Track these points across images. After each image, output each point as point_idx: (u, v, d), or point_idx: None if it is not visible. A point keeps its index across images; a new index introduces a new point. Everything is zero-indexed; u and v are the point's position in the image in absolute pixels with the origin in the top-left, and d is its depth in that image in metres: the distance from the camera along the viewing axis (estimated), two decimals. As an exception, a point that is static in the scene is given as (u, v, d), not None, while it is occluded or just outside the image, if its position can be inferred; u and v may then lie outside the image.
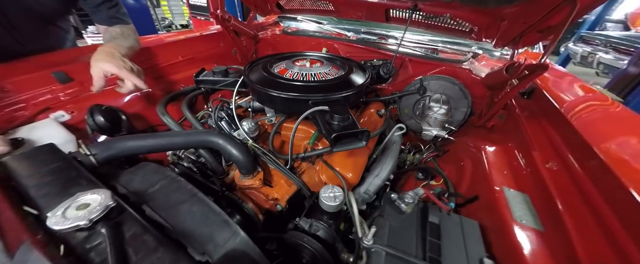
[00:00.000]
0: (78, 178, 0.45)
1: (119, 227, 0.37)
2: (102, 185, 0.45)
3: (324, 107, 0.72)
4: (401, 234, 0.44)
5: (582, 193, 0.52)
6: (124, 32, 0.97)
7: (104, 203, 0.36)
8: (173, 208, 0.46)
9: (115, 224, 0.37)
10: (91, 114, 0.79)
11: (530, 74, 0.75)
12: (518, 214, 0.55)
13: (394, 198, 0.56)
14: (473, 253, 0.46)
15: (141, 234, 0.37)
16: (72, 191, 0.42)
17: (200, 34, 1.38)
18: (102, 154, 0.59)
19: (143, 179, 0.52)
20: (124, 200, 0.44)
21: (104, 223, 0.35)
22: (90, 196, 0.38)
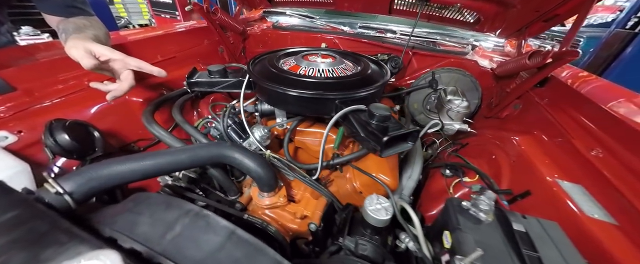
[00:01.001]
0: (53, 233, 0.30)
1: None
2: (95, 240, 0.30)
3: (360, 106, 0.62)
4: (492, 250, 0.37)
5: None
6: (93, 23, 0.78)
7: None
8: (210, 259, 0.33)
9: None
10: (51, 133, 0.59)
11: (555, 61, 0.74)
12: (586, 209, 0.52)
13: (466, 205, 0.49)
14: (571, 261, 0.40)
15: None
16: (48, 255, 0.27)
17: (182, 30, 1.18)
18: (81, 189, 0.42)
19: (153, 220, 0.37)
20: (137, 259, 0.29)
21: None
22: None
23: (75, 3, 0.79)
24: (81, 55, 0.59)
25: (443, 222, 0.53)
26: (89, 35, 0.69)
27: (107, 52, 0.64)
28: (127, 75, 0.68)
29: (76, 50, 0.59)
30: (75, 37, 0.65)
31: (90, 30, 0.73)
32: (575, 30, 0.74)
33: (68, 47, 0.61)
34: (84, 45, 0.61)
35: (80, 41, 0.62)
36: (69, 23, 0.75)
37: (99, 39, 0.71)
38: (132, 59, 0.68)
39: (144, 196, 0.45)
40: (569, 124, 0.73)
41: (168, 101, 0.90)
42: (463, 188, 0.81)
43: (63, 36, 0.72)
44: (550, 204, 0.58)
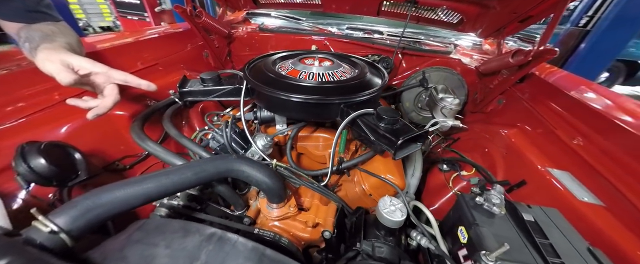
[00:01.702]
0: None
1: None
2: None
3: (368, 109, 0.63)
4: (509, 242, 0.39)
5: (620, 164, 0.56)
6: (61, 29, 0.68)
7: None
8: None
9: None
10: (23, 158, 0.51)
11: (535, 59, 0.81)
12: (577, 193, 0.58)
13: (480, 201, 0.51)
14: (577, 244, 0.44)
15: None
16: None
17: (161, 34, 1.10)
18: (77, 224, 0.37)
19: (172, 251, 0.34)
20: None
21: None
22: None
23: (39, 7, 0.68)
24: (57, 69, 0.51)
25: (456, 218, 0.55)
26: (61, 45, 0.60)
27: (87, 65, 0.56)
28: (111, 90, 0.60)
29: (51, 64, 0.51)
30: (47, 47, 0.56)
31: (60, 38, 0.63)
32: (551, 30, 0.81)
33: (40, 60, 0.53)
34: (59, 58, 0.53)
35: (54, 53, 0.53)
36: (32, 30, 0.64)
37: (72, 47, 0.62)
38: (117, 72, 0.59)
39: (151, 223, 0.41)
40: (549, 116, 0.80)
41: (155, 112, 0.83)
42: (461, 182, 0.86)
43: (27, 46, 0.62)
44: (544, 191, 0.63)
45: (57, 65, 0.52)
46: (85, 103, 0.59)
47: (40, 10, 0.69)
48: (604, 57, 2.11)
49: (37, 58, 0.54)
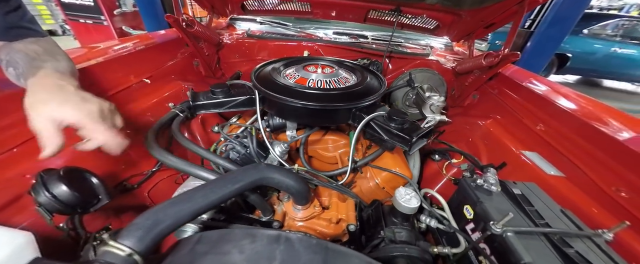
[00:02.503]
0: None
1: None
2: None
3: (380, 112, 0.70)
4: (507, 212, 0.50)
5: (576, 145, 0.72)
6: (48, 48, 0.60)
7: None
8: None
9: None
10: (45, 187, 0.49)
11: (502, 60, 0.97)
12: (545, 169, 0.73)
13: (481, 183, 0.62)
14: (553, 208, 0.57)
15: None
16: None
17: (150, 44, 1.04)
18: (144, 243, 0.38)
19: (249, 256, 0.37)
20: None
21: None
22: None
23: (22, 22, 0.60)
24: (47, 133, 0.43)
25: (461, 198, 0.65)
26: (55, 69, 0.53)
27: (78, 121, 0.46)
28: (96, 139, 0.49)
29: (37, 123, 0.43)
30: (38, 83, 0.48)
31: (48, 62, 0.55)
32: (513, 35, 0.98)
33: (30, 108, 0.44)
34: (53, 116, 0.44)
35: (47, 107, 0.44)
36: (14, 51, 0.56)
37: (60, 72, 0.53)
38: (107, 132, 0.49)
39: (210, 235, 0.44)
40: (516, 107, 0.96)
41: (163, 127, 0.81)
42: (453, 168, 0.99)
43: (11, 71, 0.56)
44: (521, 170, 0.78)
45: (45, 130, 0.43)
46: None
47: (22, 26, 0.61)
48: (545, 53, 2.55)
49: (25, 103, 0.45)
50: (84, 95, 0.50)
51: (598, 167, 0.65)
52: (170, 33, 1.21)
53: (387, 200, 0.82)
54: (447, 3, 1.03)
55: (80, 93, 0.50)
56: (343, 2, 1.19)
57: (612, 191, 0.60)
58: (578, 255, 0.46)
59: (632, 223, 0.50)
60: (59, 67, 0.56)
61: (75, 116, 0.46)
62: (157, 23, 2.54)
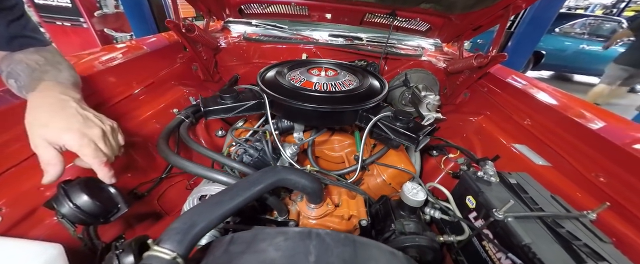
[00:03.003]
0: None
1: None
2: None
3: (387, 113, 0.75)
4: (506, 200, 0.56)
5: (560, 137, 0.80)
6: (49, 58, 0.59)
7: None
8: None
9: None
10: (68, 197, 0.49)
11: (492, 61, 1.05)
12: (534, 160, 0.80)
13: (481, 175, 0.68)
14: (544, 194, 0.64)
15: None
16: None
17: (148, 50, 1.03)
18: (183, 246, 0.39)
19: (285, 252, 0.40)
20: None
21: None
22: None
23: (25, 31, 0.58)
24: (47, 159, 0.43)
25: (463, 190, 0.71)
26: (57, 82, 0.52)
27: (77, 149, 0.46)
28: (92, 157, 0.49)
29: (39, 148, 0.43)
30: (40, 97, 0.47)
31: (48, 73, 0.53)
32: (500, 37, 1.06)
33: (31, 129, 0.44)
34: (51, 140, 0.43)
35: (47, 131, 0.44)
36: (15, 62, 0.54)
37: (62, 84, 0.53)
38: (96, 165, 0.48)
39: (242, 236, 0.46)
40: (504, 103, 1.05)
41: (172, 133, 0.81)
42: (450, 163, 1.05)
43: (12, 83, 0.54)
44: (513, 161, 0.85)
45: (46, 151, 0.44)
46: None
47: (25, 35, 0.59)
48: (525, 52, 2.73)
49: (28, 123, 0.45)
50: (86, 115, 0.50)
51: (579, 156, 0.73)
52: (166, 38, 1.19)
53: (393, 195, 0.87)
54: (439, 8, 1.10)
55: (82, 112, 0.49)
56: (340, 5, 1.22)
57: (592, 176, 0.68)
58: (569, 234, 0.53)
59: (610, 204, 0.58)
60: (60, 78, 0.55)
61: (76, 146, 0.45)
62: (145, 25, 2.44)
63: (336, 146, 0.96)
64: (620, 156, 0.64)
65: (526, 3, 0.94)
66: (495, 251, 0.58)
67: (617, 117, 0.79)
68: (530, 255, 0.50)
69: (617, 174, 0.64)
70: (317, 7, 1.27)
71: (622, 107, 4.66)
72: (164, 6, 2.77)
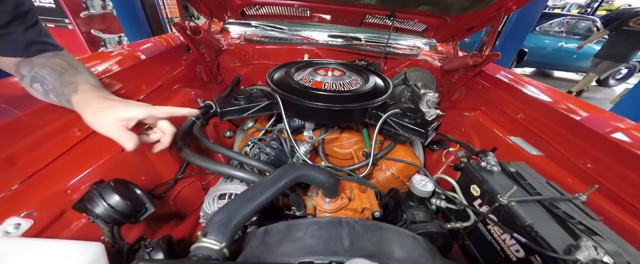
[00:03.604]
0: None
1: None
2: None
3: (396, 110, 0.79)
4: (507, 187, 0.62)
5: (550, 129, 0.88)
6: (69, 62, 0.60)
7: None
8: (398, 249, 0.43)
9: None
10: (102, 197, 0.50)
11: (486, 60, 1.12)
12: (529, 150, 0.88)
13: (484, 165, 0.74)
14: (540, 180, 0.71)
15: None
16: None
17: (155, 52, 1.03)
18: (226, 238, 0.42)
19: (321, 239, 0.43)
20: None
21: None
22: None
23: (40, 37, 0.59)
24: (121, 135, 0.48)
25: (467, 179, 0.77)
26: (87, 87, 0.53)
27: (139, 115, 0.51)
28: (166, 126, 0.58)
29: (111, 130, 0.48)
30: (85, 101, 0.51)
31: (77, 76, 0.56)
32: (493, 37, 1.13)
33: (91, 118, 0.48)
34: (114, 119, 0.48)
35: (103, 112, 0.48)
36: (38, 66, 0.56)
37: (96, 86, 0.56)
38: (159, 109, 0.55)
39: (276, 227, 0.49)
40: (498, 99, 1.12)
41: (187, 134, 0.82)
42: (451, 156, 1.12)
43: (37, 87, 0.55)
44: (510, 152, 0.92)
45: (120, 131, 0.48)
46: (148, 137, 0.58)
47: (41, 41, 0.60)
48: (511, 50, 2.88)
49: (88, 121, 0.49)
50: (128, 101, 0.54)
51: (568, 146, 0.81)
52: (164, 40, 1.18)
53: (402, 188, 0.92)
54: (436, 9, 1.16)
55: (125, 100, 0.54)
56: (341, 7, 1.26)
57: (580, 163, 0.76)
58: (565, 214, 0.59)
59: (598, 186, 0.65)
60: (90, 81, 0.58)
61: (143, 112, 0.51)
62: (138, 26, 2.37)
63: (345, 143, 1.00)
64: (604, 144, 0.72)
65: (516, 5, 1.01)
66: (500, 233, 0.64)
67: (598, 109, 0.88)
68: (533, 234, 0.55)
69: (602, 160, 0.72)
70: (319, 8, 1.30)
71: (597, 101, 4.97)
72: (156, 7, 2.70)
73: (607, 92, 5.60)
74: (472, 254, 0.73)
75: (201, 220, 0.77)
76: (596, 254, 0.48)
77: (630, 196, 0.65)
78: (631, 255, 0.51)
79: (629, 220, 0.62)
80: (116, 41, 3.34)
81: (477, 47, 3.22)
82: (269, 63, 1.49)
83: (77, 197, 0.57)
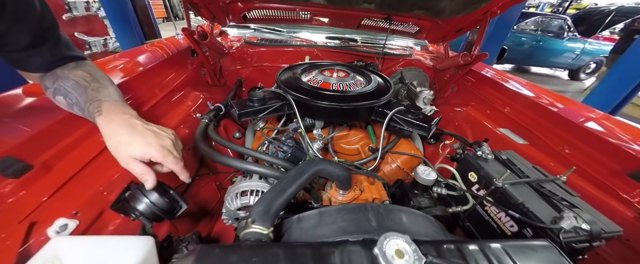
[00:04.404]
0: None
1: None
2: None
3: (400, 107, 0.87)
4: (501, 172, 0.71)
5: (533, 120, 0.99)
6: (92, 72, 0.60)
7: (416, 252, 0.37)
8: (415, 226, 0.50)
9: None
10: (144, 195, 0.54)
11: (476, 59, 1.22)
12: (516, 140, 0.98)
13: (480, 154, 0.83)
14: (527, 165, 0.81)
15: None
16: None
17: (163, 57, 1.04)
18: (270, 224, 0.48)
19: (352, 222, 0.49)
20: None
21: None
22: (392, 241, 0.38)
23: (64, 51, 0.59)
24: (139, 173, 0.51)
25: (464, 168, 0.86)
26: (110, 108, 0.54)
27: (153, 158, 0.53)
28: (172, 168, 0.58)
29: (130, 166, 0.51)
30: (105, 125, 0.51)
31: (100, 91, 0.56)
32: (481, 38, 1.23)
33: (113, 150, 0.50)
34: (131, 157, 0.50)
35: (123, 148, 0.50)
36: (61, 79, 0.55)
37: (118, 103, 0.57)
38: (167, 160, 0.55)
39: (308, 216, 0.55)
40: (487, 95, 1.23)
41: (205, 136, 0.86)
42: (447, 148, 1.22)
43: (61, 100, 0.56)
44: (499, 142, 1.03)
45: (137, 167, 0.51)
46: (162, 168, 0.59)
47: (65, 56, 0.59)
48: (495, 49, 3.07)
49: (109, 142, 0.51)
50: (153, 129, 0.56)
51: (549, 135, 0.92)
52: (170, 44, 1.18)
53: (406, 178, 1.00)
54: (429, 13, 1.25)
55: (149, 127, 0.55)
56: (340, 11, 1.33)
57: (560, 149, 0.87)
58: (549, 192, 0.69)
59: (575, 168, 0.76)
60: (113, 95, 0.58)
61: (160, 157, 0.53)
62: (129, 28, 2.29)
63: (352, 139, 1.07)
64: (578, 132, 0.83)
65: (501, 10, 1.12)
66: (496, 212, 0.73)
67: (572, 102, 1.00)
68: (525, 210, 0.65)
69: (577, 146, 0.83)
70: (319, 12, 1.36)
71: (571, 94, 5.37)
72: (148, 8, 2.64)
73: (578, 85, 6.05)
74: (472, 234, 0.83)
75: (223, 216, 0.81)
76: (576, 222, 0.57)
77: (601, 175, 0.76)
78: (603, 223, 0.61)
79: (601, 195, 0.73)
80: (102, 44, 3.24)
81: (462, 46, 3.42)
82: (270, 65, 1.53)
83: (112, 198, 0.60)
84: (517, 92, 1.09)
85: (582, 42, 5.68)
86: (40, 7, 0.51)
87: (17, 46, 0.50)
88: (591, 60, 6.00)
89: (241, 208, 0.77)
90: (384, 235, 0.39)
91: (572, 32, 5.63)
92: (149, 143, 0.52)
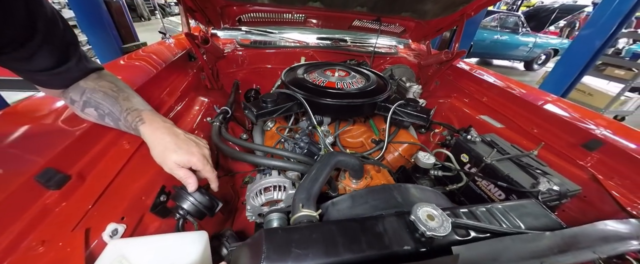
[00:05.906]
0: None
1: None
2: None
3: (401, 101, 0.98)
4: (488, 152, 0.86)
5: (506, 107, 1.16)
6: (114, 81, 0.61)
7: (442, 215, 0.47)
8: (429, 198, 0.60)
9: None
10: (191, 195, 0.57)
11: (456, 56, 1.38)
12: (495, 124, 1.15)
13: (470, 137, 0.97)
14: (506, 145, 0.96)
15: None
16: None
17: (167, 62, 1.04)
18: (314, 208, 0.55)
19: (382, 200, 0.58)
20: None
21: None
22: (423, 208, 0.48)
23: (88, 63, 0.57)
24: (182, 177, 0.56)
25: (457, 151, 1.00)
26: (150, 117, 0.57)
27: (194, 166, 0.57)
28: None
29: (174, 172, 0.55)
30: (151, 133, 0.55)
31: (131, 100, 0.58)
32: (459, 37, 1.40)
33: (160, 158, 0.55)
34: (176, 164, 0.55)
35: (169, 155, 0.54)
36: (88, 91, 0.56)
37: (154, 113, 0.60)
38: (206, 168, 0.60)
39: (339, 199, 0.63)
40: (466, 87, 1.40)
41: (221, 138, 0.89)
42: (437, 136, 1.36)
43: (90, 112, 0.57)
44: (481, 127, 1.19)
45: (180, 172, 0.55)
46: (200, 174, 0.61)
47: (89, 70, 0.58)
48: (466, 45, 3.38)
49: (154, 154, 0.55)
50: (192, 138, 0.60)
51: (520, 118, 1.09)
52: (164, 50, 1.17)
53: (407, 164, 1.12)
54: (415, 15, 1.38)
55: (188, 136, 0.60)
56: (333, 13, 1.40)
57: (530, 129, 1.04)
58: (526, 165, 0.84)
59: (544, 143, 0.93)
60: (145, 104, 0.61)
61: (201, 165, 0.58)
62: (104, 33, 2.10)
63: (356, 133, 1.16)
64: (541, 114, 1.01)
65: (475, 11, 1.28)
66: (487, 185, 0.87)
67: (534, 89, 1.19)
68: (509, 180, 0.79)
69: (542, 125, 1.01)
70: (312, 15, 1.43)
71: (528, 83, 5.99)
72: (123, 10, 2.45)
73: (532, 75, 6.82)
74: (467, 206, 0.96)
75: (248, 213, 0.85)
76: (549, 185, 0.72)
77: (562, 147, 0.93)
78: (567, 184, 0.77)
79: (563, 163, 0.91)
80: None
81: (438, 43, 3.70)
82: (265, 67, 1.56)
83: (149, 202, 0.62)
84: (491, 83, 1.27)
85: (533, 36, 6.41)
86: (62, 25, 0.49)
87: (44, 66, 0.49)
88: (542, 52, 6.80)
89: (265, 203, 0.82)
90: (415, 205, 0.48)
91: (525, 28, 6.33)
92: (192, 152, 0.56)
